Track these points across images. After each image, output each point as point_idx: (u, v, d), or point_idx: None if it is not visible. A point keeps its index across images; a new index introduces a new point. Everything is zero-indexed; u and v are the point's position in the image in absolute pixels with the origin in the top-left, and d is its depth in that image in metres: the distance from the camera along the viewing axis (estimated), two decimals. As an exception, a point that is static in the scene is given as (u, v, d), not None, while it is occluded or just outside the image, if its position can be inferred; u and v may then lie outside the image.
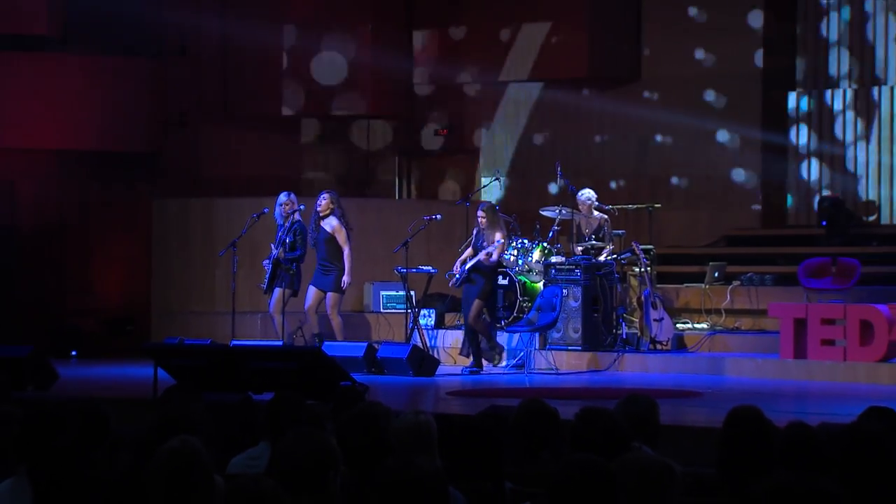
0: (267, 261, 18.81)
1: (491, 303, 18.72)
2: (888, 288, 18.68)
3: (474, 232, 18.74)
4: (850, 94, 22.10)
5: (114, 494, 5.09)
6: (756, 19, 22.57)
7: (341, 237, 18.60)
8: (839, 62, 22.28)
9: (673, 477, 5.56)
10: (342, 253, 18.65)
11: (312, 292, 18.85)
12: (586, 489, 5.08)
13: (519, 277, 19.45)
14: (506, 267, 19.47)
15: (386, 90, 24.11)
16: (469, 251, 18.59)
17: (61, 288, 23.40)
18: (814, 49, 22.46)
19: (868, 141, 21.93)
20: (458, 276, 18.54)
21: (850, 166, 22.08)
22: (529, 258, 19.75)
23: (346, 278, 18.65)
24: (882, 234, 21.21)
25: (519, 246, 19.81)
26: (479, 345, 18.39)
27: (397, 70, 24.19)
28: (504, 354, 18.67)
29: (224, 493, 5.21)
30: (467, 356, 18.34)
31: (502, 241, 18.47)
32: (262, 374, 14.63)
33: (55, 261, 23.48)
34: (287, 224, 18.73)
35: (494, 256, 18.34)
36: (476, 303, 18.25)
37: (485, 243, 18.38)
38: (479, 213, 18.69)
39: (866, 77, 22.06)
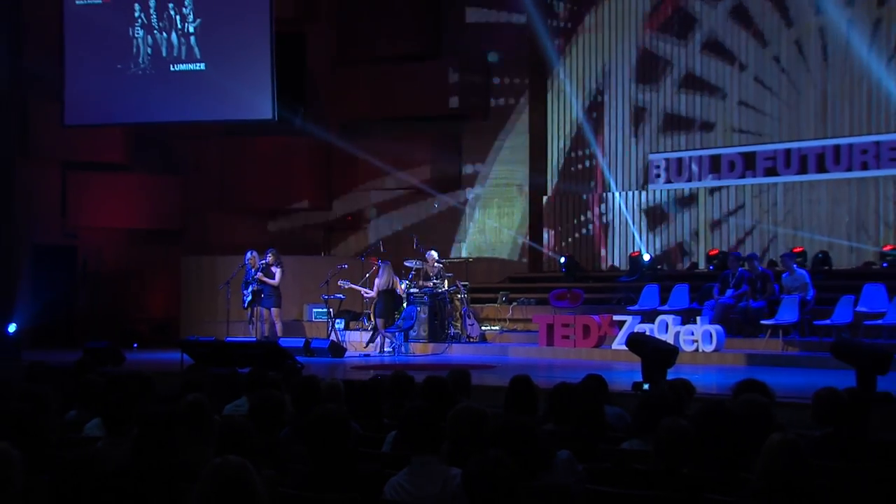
0: (245, 290, 18.64)
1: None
2: (599, 306, 18.87)
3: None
4: (590, 197, 22.36)
5: (155, 426, 5.02)
6: (522, 142, 22.77)
7: (276, 278, 18.41)
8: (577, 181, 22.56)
9: (483, 417, 5.56)
10: (277, 286, 18.52)
11: (262, 311, 18.65)
12: (424, 422, 5.12)
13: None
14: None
15: (318, 195, 24.01)
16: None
17: (127, 306, 23.03)
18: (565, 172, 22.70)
19: (596, 220, 22.22)
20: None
21: (578, 236, 22.33)
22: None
23: (274, 281, 18.39)
24: (596, 276, 21.45)
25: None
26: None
27: (321, 182, 24.12)
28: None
29: (219, 425, 5.15)
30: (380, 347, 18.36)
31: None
32: (243, 356, 14.47)
33: (124, 291, 23.19)
34: (254, 270, 18.55)
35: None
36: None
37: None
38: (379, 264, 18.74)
39: (604, 186, 22.35)
